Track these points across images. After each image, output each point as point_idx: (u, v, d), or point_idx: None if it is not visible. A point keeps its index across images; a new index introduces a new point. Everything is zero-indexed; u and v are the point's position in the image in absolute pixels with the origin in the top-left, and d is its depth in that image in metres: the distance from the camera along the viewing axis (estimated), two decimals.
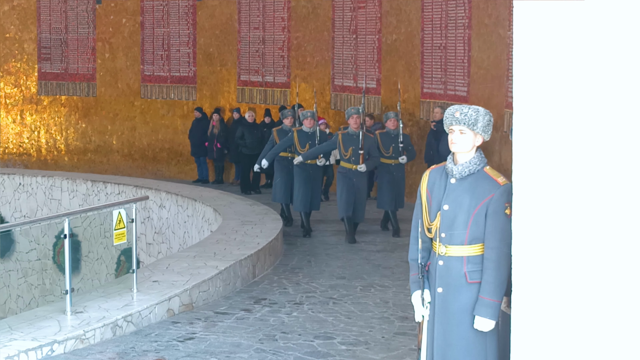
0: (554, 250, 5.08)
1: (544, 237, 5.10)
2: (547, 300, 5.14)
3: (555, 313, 5.10)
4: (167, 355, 8.04)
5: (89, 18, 22.20)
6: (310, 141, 14.12)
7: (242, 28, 20.68)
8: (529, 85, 5.26)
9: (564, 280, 5.04)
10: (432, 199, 5.77)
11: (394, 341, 8.50)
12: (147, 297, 9.24)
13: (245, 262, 10.85)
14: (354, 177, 13.41)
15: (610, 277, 4.94)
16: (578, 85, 5.14)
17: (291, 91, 19.96)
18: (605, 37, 5.07)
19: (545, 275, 5.13)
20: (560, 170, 5.19)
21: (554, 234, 5.08)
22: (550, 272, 5.11)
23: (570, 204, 5.07)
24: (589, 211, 5.01)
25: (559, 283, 5.03)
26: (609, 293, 4.94)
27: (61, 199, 18.87)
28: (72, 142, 22.67)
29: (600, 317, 4.97)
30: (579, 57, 5.13)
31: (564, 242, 5.05)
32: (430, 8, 16.97)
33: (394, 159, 14.07)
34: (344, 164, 13.49)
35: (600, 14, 5.07)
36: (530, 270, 5.23)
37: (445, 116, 5.78)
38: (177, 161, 21.67)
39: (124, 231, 9.39)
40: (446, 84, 16.56)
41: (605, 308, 4.96)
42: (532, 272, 5.23)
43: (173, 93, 21.54)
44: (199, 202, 15.45)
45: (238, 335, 8.65)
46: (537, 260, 5.15)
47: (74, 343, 8.09)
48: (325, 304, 9.93)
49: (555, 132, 5.21)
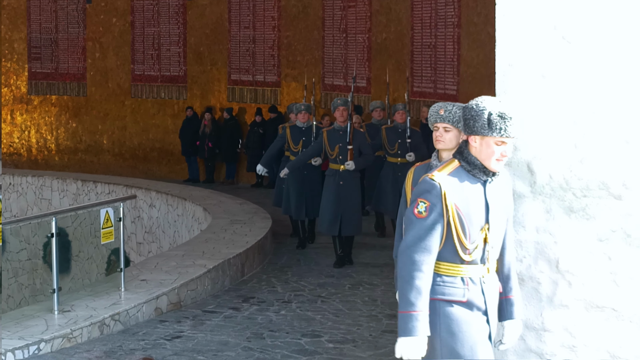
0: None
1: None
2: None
3: None
4: (155, 353, 8.03)
5: (79, 17, 22.18)
6: (305, 138, 12.76)
7: (233, 27, 20.66)
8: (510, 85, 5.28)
9: None
10: None
11: (382, 339, 8.50)
12: (135, 296, 9.23)
13: (233, 261, 10.84)
14: (342, 180, 11.47)
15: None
16: (560, 87, 5.17)
17: (281, 90, 19.96)
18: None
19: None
20: (543, 164, 5.21)
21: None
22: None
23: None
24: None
25: None
26: None
27: (51, 199, 18.87)
28: (63, 142, 22.65)
29: None
30: (562, 56, 5.15)
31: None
32: (419, 7, 16.99)
33: (400, 157, 12.66)
34: (332, 165, 11.61)
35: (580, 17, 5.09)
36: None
37: (429, 114, 5.79)
38: (167, 160, 21.65)
39: (111, 230, 9.40)
40: (436, 83, 16.58)
41: None
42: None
43: (163, 92, 21.52)
44: (189, 201, 15.45)
45: (226, 334, 8.64)
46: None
47: (61, 342, 8.08)
48: (314, 302, 9.92)
49: (537, 128, 5.24)
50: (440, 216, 4.69)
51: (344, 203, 11.47)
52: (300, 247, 12.86)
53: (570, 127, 5.14)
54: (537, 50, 5.19)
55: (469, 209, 4.71)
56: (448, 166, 4.79)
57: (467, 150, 4.76)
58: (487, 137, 4.65)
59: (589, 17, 5.08)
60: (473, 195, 4.74)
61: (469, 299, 4.76)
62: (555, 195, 5.20)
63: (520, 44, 5.24)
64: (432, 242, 4.70)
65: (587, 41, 5.09)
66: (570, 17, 5.12)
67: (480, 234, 4.75)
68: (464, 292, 4.75)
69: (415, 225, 4.72)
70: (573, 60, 5.12)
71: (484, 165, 4.71)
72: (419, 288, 4.66)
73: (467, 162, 4.74)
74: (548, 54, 5.17)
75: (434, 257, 4.71)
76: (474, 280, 4.78)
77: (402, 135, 12.69)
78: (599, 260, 5.14)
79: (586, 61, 5.10)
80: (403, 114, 12.73)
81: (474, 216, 4.72)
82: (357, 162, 11.49)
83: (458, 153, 4.82)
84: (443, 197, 4.68)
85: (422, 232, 4.70)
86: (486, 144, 4.67)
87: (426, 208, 4.70)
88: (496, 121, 4.61)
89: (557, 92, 5.17)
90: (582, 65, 5.10)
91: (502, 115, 4.60)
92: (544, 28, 5.17)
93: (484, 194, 4.76)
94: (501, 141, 4.64)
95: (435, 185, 4.70)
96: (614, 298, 5.13)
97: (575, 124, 5.13)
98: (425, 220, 4.69)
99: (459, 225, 4.70)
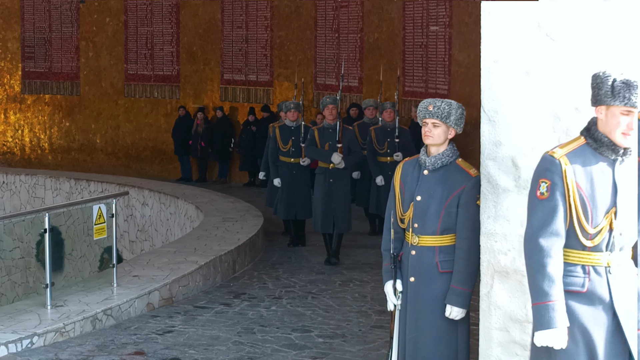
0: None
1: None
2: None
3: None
4: (146, 347, 8.12)
5: (73, 17, 22.24)
6: (294, 137, 12.62)
7: (226, 27, 20.75)
8: (495, 84, 5.38)
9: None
10: (405, 190, 5.87)
11: (371, 334, 8.60)
12: (127, 292, 9.32)
13: (225, 258, 10.93)
14: (332, 178, 11.50)
15: None
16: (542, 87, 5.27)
17: (274, 90, 20.04)
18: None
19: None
20: (528, 159, 5.31)
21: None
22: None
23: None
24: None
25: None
26: None
27: (44, 197, 18.92)
28: (56, 141, 22.70)
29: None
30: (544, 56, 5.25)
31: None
32: (411, 7, 17.09)
33: (389, 156, 12.71)
34: (321, 162, 11.65)
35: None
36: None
37: (418, 109, 5.90)
38: (160, 159, 21.72)
39: (104, 226, 9.48)
40: (427, 83, 16.68)
41: None
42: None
43: (157, 92, 21.59)
44: (181, 199, 15.53)
45: (217, 329, 8.73)
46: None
47: (53, 336, 8.16)
48: (304, 298, 10.01)
49: (520, 127, 5.34)
50: (563, 196, 4.36)
51: (334, 201, 11.53)
52: (291, 245, 12.91)
53: (553, 122, 5.24)
54: (522, 47, 5.30)
55: (592, 190, 4.39)
56: (572, 143, 4.47)
57: (594, 127, 4.45)
58: (612, 106, 4.37)
59: (572, 14, 5.18)
60: (599, 175, 4.40)
61: (589, 289, 4.41)
62: None
63: (505, 41, 5.35)
64: (559, 224, 4.37)
65: (570, 38, 5.19)
66: (553, 15, 5.22)
67: (605, 218, 4.41)
68: (583, 281, 4.43)
69: (538, 209, 4.40)
70: (556, 57, 5.22)
71: (612, 141, 4.39)
72: (551, 276, 4.34)
73: (594, 139, 4.44)
74: (532, 51, 5.27)
75: (562, 240, 4.39)
76: (598, 269, 4.43)
77: (391, 135, 12.71)
78: None
79: (569, 58, 5.20)
80: (391, 113, 12.74)
81: (599, 198, 4.39)
82: (347, 160, 11.53)
83: (585, 130, 4.51)
84: (564, 175, 4.36)
85: (546, 215, 4.37)
86: (611, 114, 4.38)
87: (547, 188, 4.38)
88: (620, 88, 4.33)
89: (540, 88, 5.27)
90: (565, 62, 5.20)
91: (626, 83, 4.33)
92: (528, 25, 5.28)
93: (612, 175, 4.42)
94: (627, 110, 4.34)
95: (555, 162, 4.40)
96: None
97: (558, 119, 5.23)
98: (548, 201, 4.36)
99: (580, 207, 4.38)
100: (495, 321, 5.48)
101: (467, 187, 5.73)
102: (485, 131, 5.44)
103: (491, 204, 5.45)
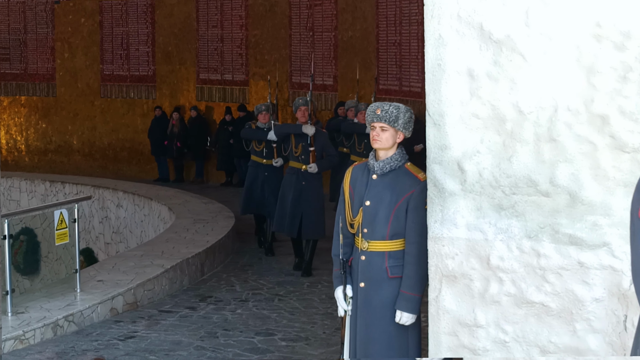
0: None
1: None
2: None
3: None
4: (107, 354, 8.07)
5: (48, 18, 22.14)
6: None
7: (201, 26, 20.67)
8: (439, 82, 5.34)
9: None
10: (354, 195, 5.83)
11: (335, 337, 8.55)
12: (90, 297, 9.26)
13: (192, 261, 10.88)
14: (304, 180, 11.16)
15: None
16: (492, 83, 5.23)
17: (250, 89, 19.98)
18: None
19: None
20: (473, 162, 5.27)
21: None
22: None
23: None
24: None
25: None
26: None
27: (20, 200, 18.84)
28: (33, 143, 22.60)
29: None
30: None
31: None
32: (384, 5, 17.05)
33: (364, 157, 11.39)
34: (293, 163, 11.29)
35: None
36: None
37: (367, 113, 5.86)
38: (137, 160, 21.63)
39: (66, 231, 9.43)
40: (401, 80, 16.64)
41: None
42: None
43: (133, 92, 21.51)
44: (154, 201, 15.47)
45: (180, 333, 8.68)
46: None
47: (13, 343, 8.10)
48: (271, 300, 9.97)
49: (470, 126, 5.30)
50: None
51: (304, 204, 11.15)
52: (262, 246, 12.77)
53: (498, 125, 5.20)
54: (465, 49, 5.25)
55: None
56: None
57: None
58: None
59: (517, 16, 5.14)
60: None
61: None
62: (485, 193, 5.25)
63: (449, 43, 5.30)
64: None
65: (515, 40, 5.15)
66: (498, 16, 5.17)
67: None
68: None
69: None
70: (501, 59, 5.18)
71: None
72: None
73: None
74: (476, 53, 5.22)
75: None
76: None
77: (368, 136, 12.50)
78: (528, 256, 5.20)
79: (514, 60, 5.15)
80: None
81: None
82: (320, 165, 11.18)
83: None
84: None
85: None
86: None
87: None
88: None
89: (485, 91, 5.22)
90: (509, 65, 5.16)
91: None
92: (471, 27, 5.23)
93: None
94: None
95: None
96: (543, 293, 5.19)
97: (503, 122, 5.18)
98: None
99: None
100: (444, 326, 5.43)
101: (415, 191, 5.69)
102: (430, 135, 5.39)
103: (438, 207, 5.40)
